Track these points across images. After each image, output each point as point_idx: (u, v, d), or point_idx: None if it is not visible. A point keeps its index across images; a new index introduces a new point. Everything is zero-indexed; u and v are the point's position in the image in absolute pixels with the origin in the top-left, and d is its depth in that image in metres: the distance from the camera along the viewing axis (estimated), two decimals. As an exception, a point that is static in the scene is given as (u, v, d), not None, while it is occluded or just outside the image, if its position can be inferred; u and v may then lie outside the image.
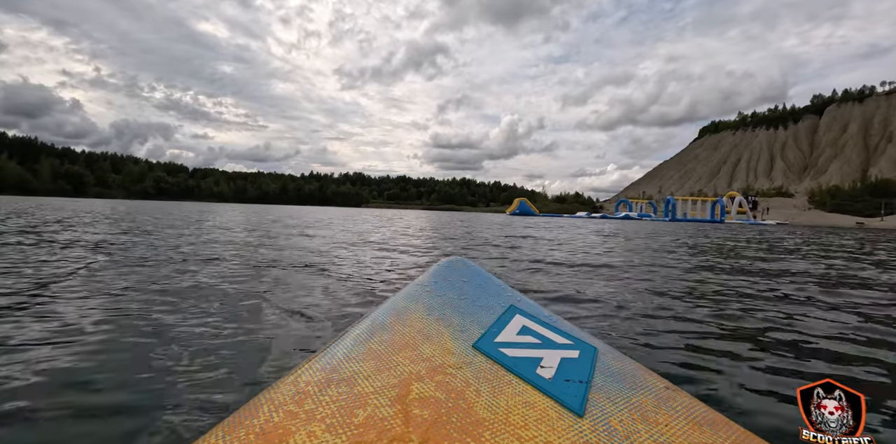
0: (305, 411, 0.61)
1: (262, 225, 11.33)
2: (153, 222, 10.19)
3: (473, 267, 1.21)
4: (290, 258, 4.53)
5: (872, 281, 4.33)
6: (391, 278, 3.57)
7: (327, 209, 60.21)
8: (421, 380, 0.70)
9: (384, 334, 0.85)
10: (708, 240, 11.94)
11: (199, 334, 1.82)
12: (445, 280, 1.10)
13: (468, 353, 0.79)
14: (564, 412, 0.64)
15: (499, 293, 1.06)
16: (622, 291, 3.27)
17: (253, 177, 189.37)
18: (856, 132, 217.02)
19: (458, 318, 0.92)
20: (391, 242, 7.46)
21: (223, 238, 6.74)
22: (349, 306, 2.47)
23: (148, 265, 3.65)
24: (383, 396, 0.65)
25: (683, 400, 0.70)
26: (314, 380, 0.69)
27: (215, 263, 3.94)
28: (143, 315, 2.09)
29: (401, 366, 0.74)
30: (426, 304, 0.98)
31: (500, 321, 0.91)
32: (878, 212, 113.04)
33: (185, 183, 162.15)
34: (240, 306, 2.35)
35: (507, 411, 0.63)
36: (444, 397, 0.66)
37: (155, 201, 74.48)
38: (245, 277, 3.26)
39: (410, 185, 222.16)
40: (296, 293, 2.74)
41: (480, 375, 0.72)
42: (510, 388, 0.69)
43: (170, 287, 2.77)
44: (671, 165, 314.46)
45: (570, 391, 0.68)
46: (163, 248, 5.02)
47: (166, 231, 7.65)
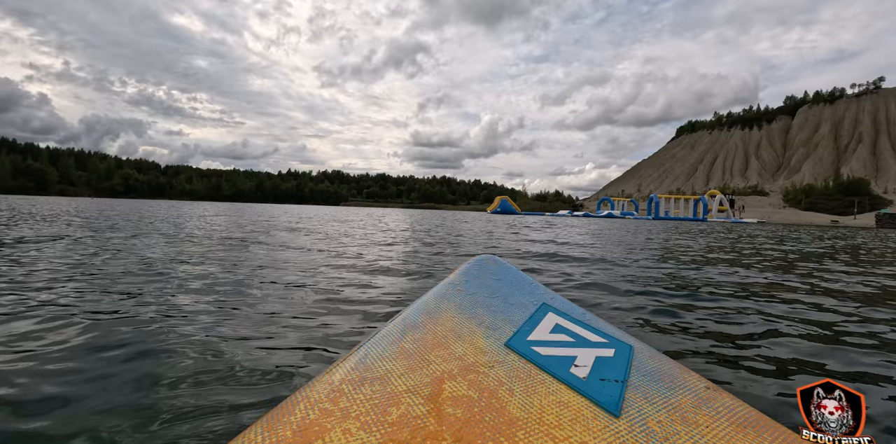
0: (340, 409, 0.61)
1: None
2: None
3: (505, 265, 1.19)
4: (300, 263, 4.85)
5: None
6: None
7: (304, 208, 61.41)
8: (453, 379, 0.69)
9: (416, 332, 0.84)
10: (712, 239, 12.15)
11: (236, 335, 1.86)
12: (477, 278, 1.09)
13: (501, 351, 0.78)
14: (600, 412, 0.63)
15: (531, 291, 1.04)
16: (650, 289, 3.27)
17: (228, 175, 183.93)
18: (827, 133, 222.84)
19: (489, 316, 0.91)
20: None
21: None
22: (380, 305, 2.51)
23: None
24: (416, 394, 0.65)
25: (725, 400, 0.68)
26: (348, 378, 0.69)
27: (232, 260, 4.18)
28: (178, 317, 2.13)
29: (433, 365, 0.73)
30: (457, 302, 0.96)
31: (533, 320, 0.90)
32: (851, 210, 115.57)
33: (156, 181, 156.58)
34: (272, 308, 2.37)
35: (540, 410, 0.63)
36: (477, 395, 0.65)
37: (122, 200, 70.90)
38: (263, 278, 3.28)
39: (390, 183, 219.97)
40: (325, 296, 2.73)
41: (513, 374, 0.71)
42: (543, 387, 0.68)
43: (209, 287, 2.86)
44: (649, 163, 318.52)
45: (605, 390, 0.67)
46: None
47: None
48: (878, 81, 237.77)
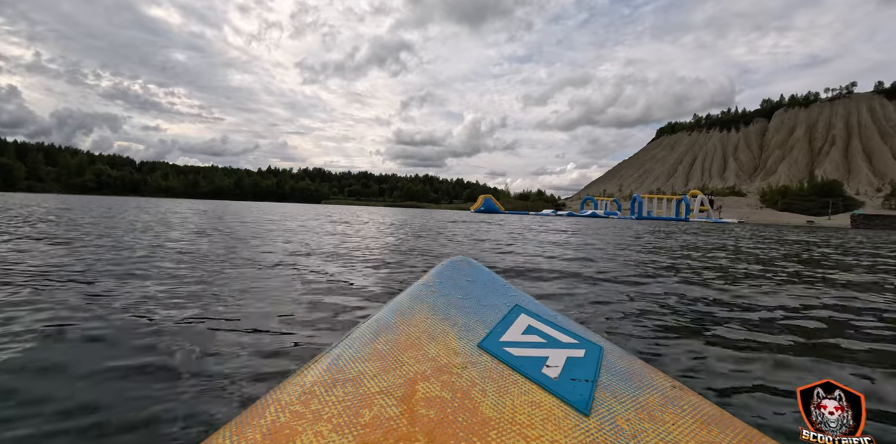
0: (312, 411, 0.61)
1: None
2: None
3: (478, 266, 1.20)
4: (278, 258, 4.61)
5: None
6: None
7: (282, 206, 61.63)
8: (426, 380, 0.70)
9: (389, 334, 0.84)
10: (709, 240, 12.09)
11: (202, 336, 1.80)
12: (450, 280, 1.09)
13: (473, 352, 0.79)
14: (570, 412, 0.64)
15: (503, 293, 1.05)
16: (629, 291, 3.26)
17: (206, 171, 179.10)
18: (802, 135, 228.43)
19: (462, 317, 0.92)
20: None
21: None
22: (353, 306, 2.45)
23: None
24: (389, 396, 0.65)
25: (690, 399, 0.70)
26: (320, 380, 0.69)
27: (210, 263, 3.83)
28: (142, 317, 2.05)
29: (406, 366, 0.73)
30: (431, 304, 0.97)
31: (505, 321, 0.91)
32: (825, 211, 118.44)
33: (130, 177, 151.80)
34: (240, 307, 2.30)
35: (513, 410, 0.63)
36: (450, 396, 0.66)
37: (91, 196, 68.00)
38: (232, 279, 3.13)
39: (372, 181, 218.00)
40: (294, 296, 2.65)
41: (486, 374, 0.72)
42: (516, 387, 0.69)
43: (169, 285, 2.75)
44: (630, 164, 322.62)
45: (576, 390, 0.69)
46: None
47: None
48: (850, 86, 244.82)
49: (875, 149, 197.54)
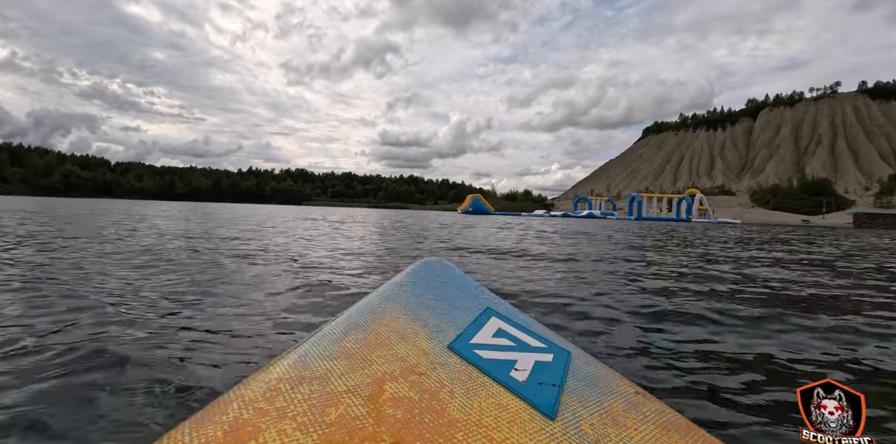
0: (276, 408, 0.60)
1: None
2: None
3: (451, 268, 1.20)
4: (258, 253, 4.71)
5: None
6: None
7: (256, 207, 59.19)
8: (395, 380, 0.70)
9: (359, 332, 0.83)
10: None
11: (165, 330, 1.76)
12: (423, 280, 1.09)
13: (443, 354, 0.79)
14: (537, 415, 0.64)
15: (476, 295, 1.05)
16: (598, 296, 3.08)
17: (182, 172, 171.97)
18: (788, 135, 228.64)
19: (433, 318, 0.91)
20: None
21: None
22: (323, 303, 2.40)
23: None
24: (356, 395, 0.65)
25: (653, 406, 0.71)
26: (286, 377, 0.68)
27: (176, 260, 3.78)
28: (104, 315, 1.98)
29: (375, 365, 0.73)
30: (402, 303, 0.97)
31: (476, 323, 0.91)
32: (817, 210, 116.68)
33: (102, 178, 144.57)
34: (206, 302, 2.26)
35: (479, 412, 0.64)
36: (418, 397, 0.66)
37: (60, 198, 63.27)
38: (205, 274, 3.11)
39: (356, 182, 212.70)
40: (264, 290, 2.61)
41: (454, 376, 0.72)
42: (484, 390, 0.69)
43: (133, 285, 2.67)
44: (617, 163, 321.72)
45: (542, 394, 0.69)
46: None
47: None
48: (834, 86, 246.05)
49: (861, 148, 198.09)
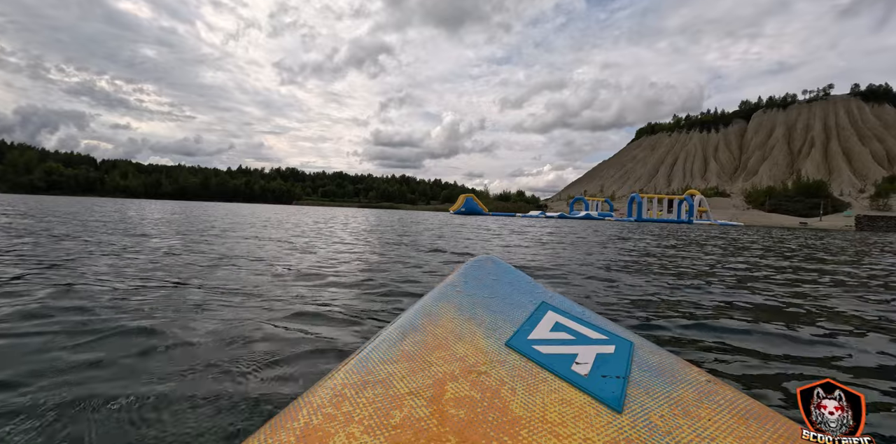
0: (343, 413, 0.61)
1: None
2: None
3: (503, 265, 1.19)
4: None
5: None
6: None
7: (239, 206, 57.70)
8: (455, 380, 0.69)
9: (416, 335, 0.84)
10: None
11: (235, 341, 1.79)
12: (475, 279, 1.09)
13: (501, 351, 0.78)
14: (602, 409, 0.63)
15: (530, 291, 1.05)
16: (651, 285, 3.17)
17: (170, 170, 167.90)
18: (781, 137, 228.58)
19: (489, 317, 0.91)
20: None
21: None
22: (379, 308, 2.45)
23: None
24: (419, 396, 0.65)
25: (726, 393, 0.69)
26: (350, 382, 0.69)
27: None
28: (172, 322, 2.01)
29: (435, 366, 0.73)
30: (457, 304, 0.97)
31: (533, 319, 0.90)
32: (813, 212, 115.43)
33: (86, 176, 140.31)
34: (267, 313, 2.27)
35: (543, 408, 0.63)
36: (479, 396, 0.66)
37: (41, 196, 59.74)
38: (261, 285, 3.07)
39: (347, 181, 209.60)
40: (320, 298, 2.65)
41: (515, 373, 0.72)
42: (545, 385, 0.69)
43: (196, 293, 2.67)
44: (610, 164, 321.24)
45: (607, 386, 0.68)
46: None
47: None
48: (827, 88, 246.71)
49: (854, 150, 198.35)
